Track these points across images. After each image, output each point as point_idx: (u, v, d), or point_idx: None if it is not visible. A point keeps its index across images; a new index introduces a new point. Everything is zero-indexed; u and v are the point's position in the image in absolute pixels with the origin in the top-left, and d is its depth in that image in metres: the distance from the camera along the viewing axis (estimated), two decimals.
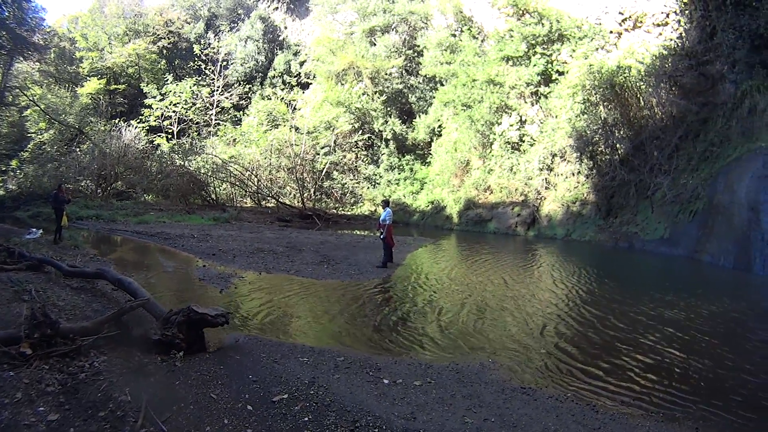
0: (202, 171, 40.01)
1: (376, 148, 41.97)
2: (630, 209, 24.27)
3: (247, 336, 9.07)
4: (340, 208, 39.72)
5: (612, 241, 23.79)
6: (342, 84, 41.93)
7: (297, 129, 41.76)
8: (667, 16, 26.28)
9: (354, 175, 41.82)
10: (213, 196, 39.99)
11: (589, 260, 19.68)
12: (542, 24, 30.73)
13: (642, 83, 25.23)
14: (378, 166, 41.42)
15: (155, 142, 47.36)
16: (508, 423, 6.06)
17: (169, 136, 49.20)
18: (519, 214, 29.47)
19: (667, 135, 23.84)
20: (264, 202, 39.48)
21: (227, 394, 6.43)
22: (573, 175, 28.05)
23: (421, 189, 38.48)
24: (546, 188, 29.16)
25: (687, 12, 24.40)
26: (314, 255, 18.27)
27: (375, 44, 43.51)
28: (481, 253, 21.16)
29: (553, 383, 7.45)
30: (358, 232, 28.52)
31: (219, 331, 8.60)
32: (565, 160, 28.69)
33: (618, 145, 25.74)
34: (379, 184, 40.76)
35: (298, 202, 37.51)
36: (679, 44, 24.64)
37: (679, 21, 25.37)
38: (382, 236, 16.93)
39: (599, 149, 26.53)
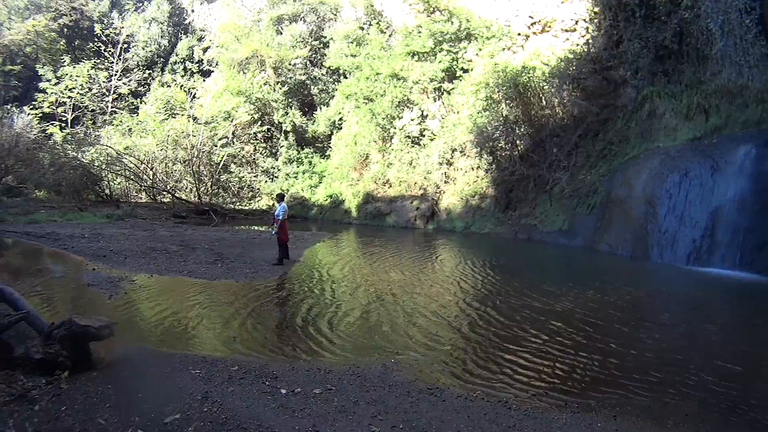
0: (96, 164, 35.09)
1: (275, 140, 39.04)
2: (529, 203, 24.10)
3: (137, 348, 8.14)
4: (238, 203, 36.67)
5: (511, 233, 23.53)
6: (244, 73, 38.70)
7: (195, 119, 37.85)
8: (576, 23, 26.01)
9: (252, 168, 38.66)
10: (107, 191, 35.17)
11: (490, 252, 19.56)
12: (451, 22, 29.68)
13: (545, 84, 24.99)
14: (276, 159, 38.51)
15: (48, 131, 41.08)
16: (417, 429, 5.70)
17: (63, 125, 42.61)
18: (418, 208, 28.39)
19: (567, 133, 24.00)
20: (159, 197, 35.40)
21: (116, 418, 5.69)
22: (472, 169, 27.30)
23: (320, 183, 36.04)
24: (445, 182, 28.15)
25: (596, 20, 24.33)
26: (208, 253, 16.96)
27: (282, 33, 40.59)
28: (380, 247, 20.37)
29: (461, 381, 7.13)
30: (255, 228, 26.84)
31: (107, 344, 7.51)
32: (464, 155, 27.81)
33: (518, 142, 25.60)
34: (277, 177, 37.84)
35: (194, 196, 34.06)
36: (585, 50, 24.66)
37: (587, 28, 25.20)
38: (274, 232, 15.93)
39: (499, 145, 26.04)
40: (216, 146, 37.47)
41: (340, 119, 36.63)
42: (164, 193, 34.93)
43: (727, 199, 15.86)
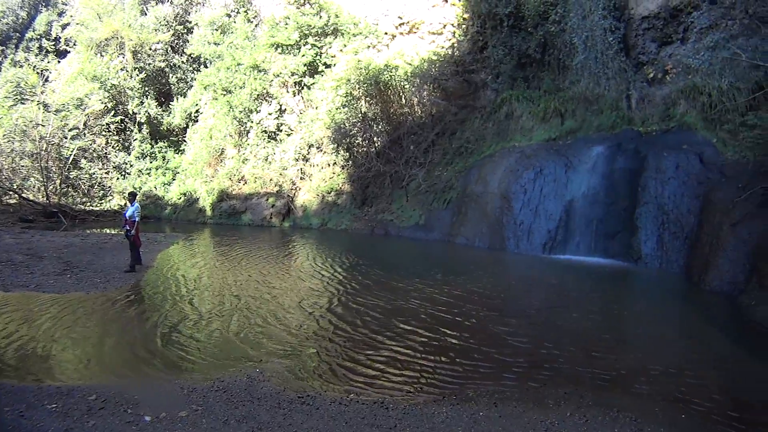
0: None
1: (128, 132, 33.86)
2: (385, 198, 23.19)
3: None
4: (88, 203, 31.40)
5: (368, 228, 22.51)
6: (102, 56, 33.92)
7: (46, 106, 32.23)
8: (444, 26, 25.03)
9: (103, 164, 33.14)
10: None
11: (348, 248, 18.74)
12: (320, 16, 27.54)
13: (407, 83, 23.78)
14: (129, 154, 33.35)
15: None
16: None
17: None
18: (274, 205, 25.96)
19: (424, 131, 23.51)
20: (5, 197, 29.31)
21: None
22: (329, 165, 25.30)
23: (174, 180, 31.72)
24: (301, 178, 25.81)
25: (464, 26, 23.91)
26: (57, 262, 14.79)
27: (146, 14, 36.00)
28: (237, 247, 18.76)
29: (331, 386, 6.65)
30: (107, 231, 23.79)
31: None
32: (321, 150, 25.72)
33: (376, 139, 24.30)
34: (129, 174, 32.76)
35: (42, 196, 28.64)
36: (450, 52, 24.07)
37: (454, 33, 24.47)
38: (129, 234, 14.07)
39: (356, 141, 24.47)
40: (66, 138, 31.76)
41: (197, 111, 32.80)
42: (10, 193, 29.03)
43: (581, 193, 16.50)
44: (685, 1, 17.00)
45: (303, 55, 27.06)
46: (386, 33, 26.85)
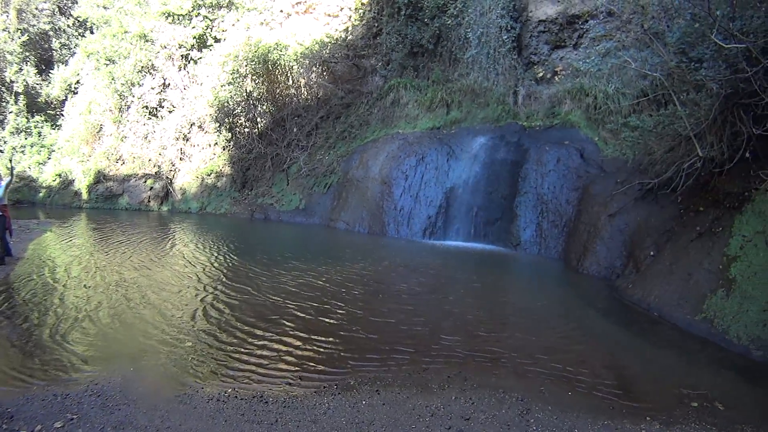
0: None
1: (3, 104, 29.82)
2: (266, 181, 21.95)
3: None
4: None
5: (248, 212, 21.37)
6: None
7: None
8: (341, 9, 23.71)
9: None
10: None
11: (227, 234, 17.34)
12: None
13: (296, 64, 22.15)
14: (3, 129, 29.21)
15: None
16: None
17: None
18: (152, 188, 23.55)
19: (309, 114, 22.29)
20: None
21: None
22: (210, 146, 23.18)
23: (49, 158, 27.91)
24: (181, 159, 23.51)
25: (361, 11, 22.75)
26: None
27: None
28: (113, 235, 16.68)
29: (209, 381, 5.93)
30: None
31: None
32: (203, 130, 23.53)
33: (259, 119, 22.59)
34: (2, 152, 28.59)
35: None
36: (343, 36, 22.82)
37: (350, 17, 23.22)
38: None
39: (239, 121, 22.67)
40: None
41: (78, 82, 29.17)
42: None
43: (462, 181, 16.44)
44: (584, 10, 17.35)
45: (193, 27, 24.76)
46: (281, 11, 24.97)
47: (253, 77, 21.94)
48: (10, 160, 24.41)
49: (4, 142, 28.44)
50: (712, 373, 6.70)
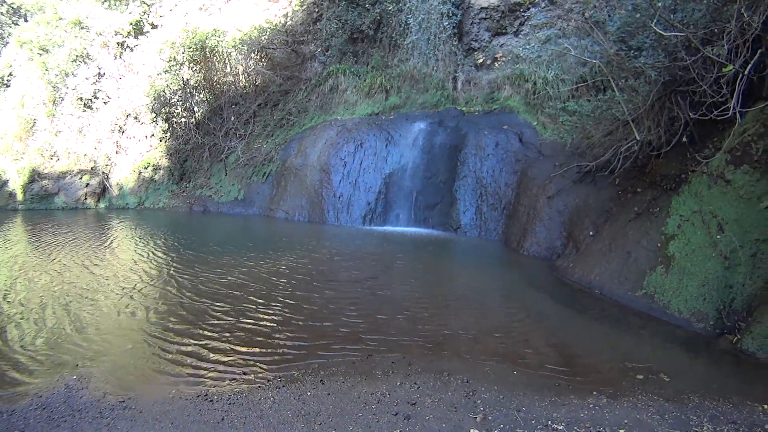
0: None
1: None
2: (204, 173, 21.14)
3: None
4: None
5: (186, 205, 20.54)
6: None
7: None
8: None
9: None
10: None
11: (164, 229, 16.65)
12: None
13: (234, 51, 21.28)
14: None
15: None
16: None
17: None
18: (88, 184, 22.05)
19: (246, 102, 21.52)
20: None
21: None
22: (146, 138, 22.07)
23: None
24: (117, 153, 22.25)
25: None
26: None
27: None
28: (49, 236, 15.55)
29: (152, 384, 5.68)
30: None
31: None
32: (139, 121, 22.38)
33: (196, 108, 21.57)
34: None
35: None
36: (283, 21, 22.10)
37: (290, 2, 22.54)
38: None
39: (176, 111, 21.59)
40: None
41: (11, 74, 27.65)
42: None
43: (401, 167, 16.36)
44: None
45: (130, 13, 23.57)
46: None
47: (191, 65, 21.01)
48: None
49: None
50: (655, 346, 6.83)
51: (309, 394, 5.36)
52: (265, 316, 7.71)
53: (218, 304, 8.38)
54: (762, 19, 7.09)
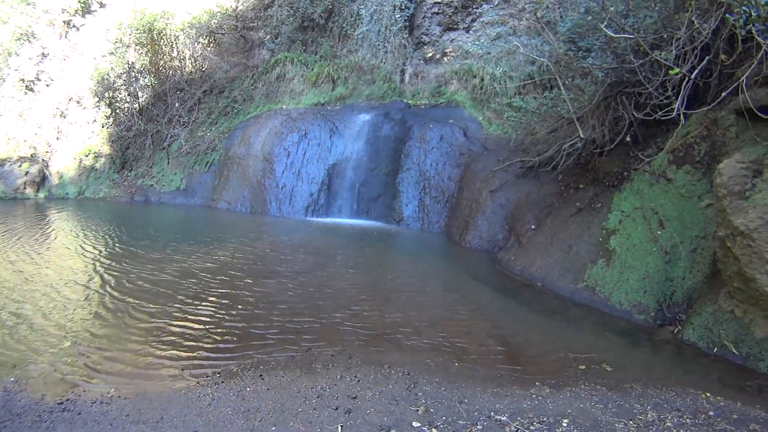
0: None
1: None
2: (146, 161, 20.26)
3: None
4: None
5: (127, 195, 19.63)
6: None
7: None
8: None
9: None
10: None
11: (105, 219, 15.92)
12: None
13: (182, 34, 20.74)
14: None
15: None
16: None
17: None
18: (27, 172, 20.76)
19: (192, 88, 20.73)
20: None
21: None
22: (88, 123, 21.12)
23: None
24: (58, 139, 21.21)
25: None
26: None
27: None
28: None
29: (91, 383, 5.44)
30: None
31: None
32: (81, 105, 21.37)
33: (140, 93, 20.73)
34: None
35: None
36: (234, 6, 21.66)
37: None
38: None
39: (120, 96, 20.75)
40: None
41: None
42: None
43: (344, 158, 16.30)
44: None
45: None
46: None
47: (137, 47, 20.30)
48: None
49: None
50: (597, 337, 6.94)
51: (248, 389, 5.30)
52: (203, 311, 7.55)
53: (156, 300, 8.18)
54: (712, 28, 7.25)
